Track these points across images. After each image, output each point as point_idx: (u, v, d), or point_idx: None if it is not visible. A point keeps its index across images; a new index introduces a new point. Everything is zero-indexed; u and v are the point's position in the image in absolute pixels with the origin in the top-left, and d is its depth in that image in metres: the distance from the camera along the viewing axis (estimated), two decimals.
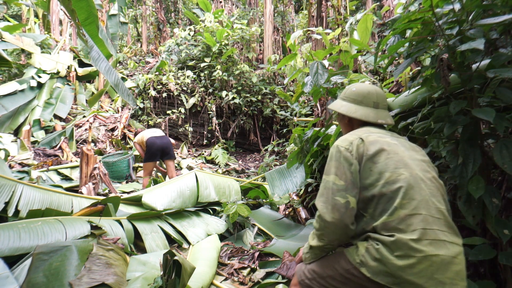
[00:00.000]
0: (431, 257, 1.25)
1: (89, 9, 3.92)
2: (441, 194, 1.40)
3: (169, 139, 5.71)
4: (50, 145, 7.39)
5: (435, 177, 1.43)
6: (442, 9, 1.74)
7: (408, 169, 1.38)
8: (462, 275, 1.28)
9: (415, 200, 1.32)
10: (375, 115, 1.60)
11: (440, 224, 1.31)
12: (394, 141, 1.48)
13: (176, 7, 14.20)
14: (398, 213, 1.31)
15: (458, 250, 1.30)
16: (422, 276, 1.24)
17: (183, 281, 2.03)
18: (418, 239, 1.27)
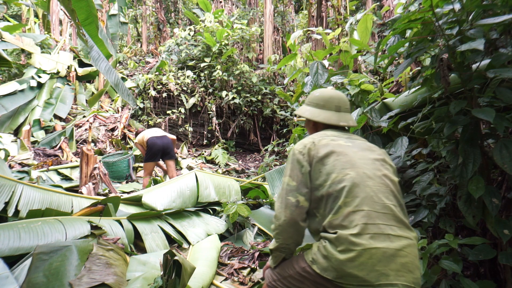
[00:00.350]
0: (371, 250, 1.29)
1: (89, 9, 3.92)
2: (390, 190, 1.44)
3: (169, 138, 5.69)
4: (50, 145, 7.39)
5: (386, 175, 1.47)
6: (442, 9, 1.74)
7: (355, 168, 1.44)
8: (409, 267, 1.31)
9: (358, 198, 1.38)
10: (337, 118, 1.67)
11: (386, 219, 1.36)
12: (348, 143, 1.55)
13: (176, 7, 14.21)
14: (342, 211, 1.38)
15: (406, 243, 1.34)
16: (362, 269, 1.28)
17: (183, 281, 2.03)
18: (358, 233, 1.32)
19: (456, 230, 2.10)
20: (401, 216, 1.40)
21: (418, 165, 2.36)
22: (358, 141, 1.60)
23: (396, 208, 1.41)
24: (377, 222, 1.35)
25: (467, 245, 1.82)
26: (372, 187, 1.41)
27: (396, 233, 1.35)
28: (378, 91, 2.65)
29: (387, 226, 1.35)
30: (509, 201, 1.91)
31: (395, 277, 1.29)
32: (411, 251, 1.35)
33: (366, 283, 1.28)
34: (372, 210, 1.36)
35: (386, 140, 2.50)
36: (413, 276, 1.32)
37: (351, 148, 1.52)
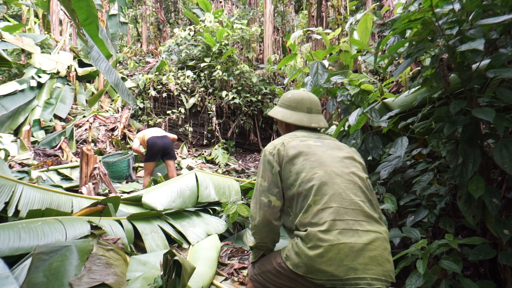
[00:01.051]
0: (339, 245, 1.34)
1: (89, 9, 3.92)
2: (358, 187, 1.49)
3: (170, 138, 5.70)
4: (50, 145, 7.39)
5: (354, 172, 1.52)
6: (442, 9, 1.74)
7: (323, 167, 1.50)
8: (379, 260, 1.35)
9: (327, 195, 1.43)
10: (309, 119, 1.72)
11: (354, 215, 1.41)
12: (317, 143, 1.61)
13: (176, 7, 14.20)
14: (312, 209, 1.43)
15: (374, 237, 1.38)
16: (331, 264, 1.32)
17: (183, 281, 2.03)
18: (326, 230, 1.36)
19: (456, 230, 2.10)
20: (369, 211, 1.44)
21: (418, 165, 2.36)
22: (327, 141, 1.65)
23: (364, 204, 1.45)
24: (345, 218, 1.39)
25: (467, 245, 1.82)
26: (340, 185, 1.46)
27: (364, 228, 1.39)
28: (378, 91, 2.64)
29: (355, 221, 1.40)
30: (509, 201, 1.91)
31: (363, 270, 1.32)
32: (380, 244, 1.39)
33: (335, 277, 1.32)
34: (340, 206, 1.41)
35: (386, 140, 2.50)
36: (383, 269, 1.35)
37: (320, 148, 1.57)
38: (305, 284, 1.41)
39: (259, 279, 1.61)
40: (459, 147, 1.76)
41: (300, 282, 1.42)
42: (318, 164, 1.50)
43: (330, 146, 1.60)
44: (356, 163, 1.59)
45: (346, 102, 2.74)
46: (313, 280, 1.36)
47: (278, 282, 1.52)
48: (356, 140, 2.33)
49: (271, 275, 1.54)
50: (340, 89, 2.74)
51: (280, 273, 1.50)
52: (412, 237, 1.94)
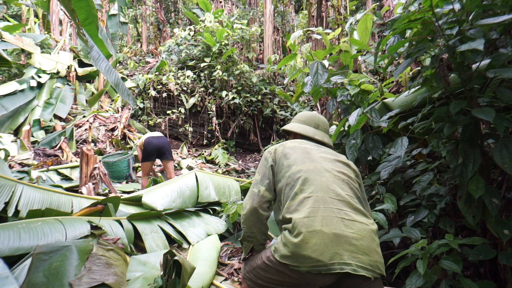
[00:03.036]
0: (323, 231, 1.36)
1: (89, 9, 3.92)
2: (347, 183, 1.56)
3: (166, 139, 5.71)
4: (50, 145, 7.38)
5: (344, 173, 1.60)
6: (442, 9, 1.74)
7: (314, 163, 1.58)
8: (365, 250, 1.37)
9: (313, 185, 1.49)
10: (313, 132, 1.85)
11: (340, 205, 1.45)
12: (313, 147, 1.71)
13: (176, 7, 14.20)
14: (298, 197, 1.48)
15: (361, 227, 1.41)
16: (315, 250, 1.34)
17: (183, 281, 2.03)
18: (310, 216, 1.40)
19: (456, 230, 2.10)
20: (356, 205, 1.48)
21: (418, 165, 2.36)
22: (324, 149, 1.74)
23: (351, 198, 1.50)
24: (330, 206, 1.43)
25: (467, 245, 1.82)
26: (328, 178, 1.52)
27: (350, 217, 1.42)
28: (378, 91, 2.65)
29: (341, 210, 1.43)
30: (509, 201, 1.91)
31: (349, 257, 1.33)
32: (367, 235, 1.41)
33: (320, 263, 1.33)
34: (326, 196, 1.46)
35: (386, 140, 2.50)
36: (370, 259, 1.36)
37: (315, 150, 1.68)
38: (292, 276, 1.42)
39: (250, 276, 1.63)
40: (459, 147, 1.76)
41: (287, 274, 1.43)
42: (310, 160, 1.59)
43: (326, 152, 1.69)
44: (350, 169, 1.65)
45: (346, 102, 2.74)
46: (299, 269, 1.36)
47: (267, 276, 1.53)
48: (356, 140, 2.34)
49: (260, 270, 1.56)
50: (340, 89, 2.75)
51: (268, 267, 1.51)
52: (412, 237, 1.94)
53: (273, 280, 1.51)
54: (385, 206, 2.17)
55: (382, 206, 2.18)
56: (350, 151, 2.33)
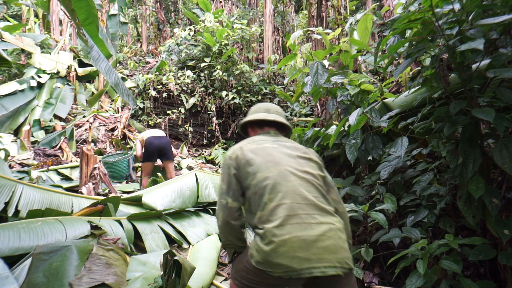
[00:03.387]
0: (291, 239, 1.43)
1: (89, 9, 3.92)
2: (312, 184, 1.60)
3: (168, 139, 5.70)
4: (50, 145, 7.38)
5: (307, 171, 1.63)
6: (442, 9, 1.74)
7: (278, 166, 1.60)
8: (332, 249, 1.45)
9: (281, 192, 1.53)
10: (264, 115, 1.86)
11: (307, 209, 1.51)
12: (274, 144, 1.72)
13: (176, 7, 14.20)
14: (268, 207, 1.52)
15: (327, 228, 1.49)
16: (285, 257, 1.42)
17: (183, 281, 2.03)
18: (279, 225, 1.46)
19: (456, 230, 2.10)
20: (322, 205, 1.55)
21: (418, 165, 2.36)
22: (284, 143, 1.76)
23: (317, 199, 1.56)
24: (298, 213, 1.49)
25: (467, 245, 1.82)
26: (294, 182, 1.56)
27: (317, 220, 1.49)
28: (378, 91, 2.65)
29: (308, 215, 1.50)
30: (509, 201, 1.91)
31: (317, 260, 1.41)
32: (333, 234, 1.49)
33: (290, 269, 1.41)
34: (294, 202, 1.51)
35: (386, 140, 2.50)
36: (337, 257, 1.44)
37: (275, 149, 1.69)
38: (268, 278, 1.50)
39: (236, 277, 1.68)
40: (459, 147, 1.76)
41: (264, 277, 1.51)
42: (273, 164, 1.61)
43: (286, 147, 1.72)
44: (312, 162, 1.70)
45: (346, 102, 2.74)
46: (273, 274, 1.44)
47: (249, 278, 1.59)
48: (356, 140, 2.34)
49: (243, 272, 1.62)
50: (340, 89, 2.74)
51: (248, 270, 1.58)
52: (412, 237, 1.94)
53: (255, 281, 1.58)
54: (385, 206, 2.17)
55: (382, 206, 2.18)
56: (350, 151, 2.33)
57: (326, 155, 3.14)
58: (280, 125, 1.90)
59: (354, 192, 2.51)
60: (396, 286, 2.25)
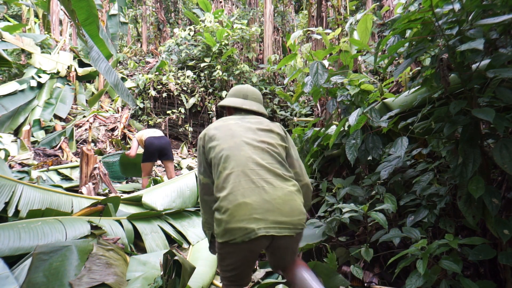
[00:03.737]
0: (245, 202, 1.51)
1: (89, 9, 3.92)
2: (267, 152, 1.67)
3: (167, 139, 5.69)
4: (50, 145, 7.38)
5: (265, 141, 1.71)
6: (442, 9, 1.74)
7: (234, 138, 1.68)
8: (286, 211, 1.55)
9: (234, 161, 1.61)
10: (242, 102, 1.92)
11: (261, 174, 1.59)
12: (237, 121, 1.80)
13: (176, 7, 14.20)
14: (222, 175, 1.61)
15: (281, 192, 1.57)
16: (242, 220, 1.49)
17: (183, 281, 2.03)
18: (232, 191, 1.54)
19: (456, 230, 2.10)
20: (277, 171, 1.63)
21: (418, 165, 2.36)
22: (248, 118, 1.83)
23: (271, 165, 1.63)
24: (251, 177, 1.57)
25: (467, 245, 1.82)
26: (247, 151, 1.64)
27: (270, 184, 1.57)
28: (378, 91, 2.65)
29: (261, 179, 1.57)
30: (509, 201, 1.91)
31: (272, 221, 1.51)
32: (288, 197, 1.58)
33: (249, 230, 1.48)
34: (246, 168, 1.59)
35: (386, 140, 2.50)
36: (291, 219, 1.55)
37: (237, 124, 1.77)
38: (236, 251, 1.57)
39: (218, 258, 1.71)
40: (459, 147, 1.76)
41: (232, 251, 1.58)
42: (230, 137, 1.70)
43: (249, 122, 1.79)
44: (272, 133, 1.77)
45: (346, 102, 2.74)
46: (236, 241, 1.51)
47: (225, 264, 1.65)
48: (356, 140, 2.34)
49: (220, 262, 1.68)
50: (340, 89, 2.74)
51: (221, 255, 1.65)
52: (412, 237, 1.94)
53: (231, 265, 1.63)
54: (385, 206, 2.17)
55: (382, 206, 2.18)
56: (350, 151, 2.33)
57: (326, 155, 3.14)
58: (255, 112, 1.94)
59: (354, 192, 2.51)
60: (396, 286, 2.25)
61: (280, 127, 1.86)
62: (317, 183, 3.16)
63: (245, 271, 1.68)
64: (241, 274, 1.67)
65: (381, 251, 2.43)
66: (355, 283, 2.28)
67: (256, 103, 1.96)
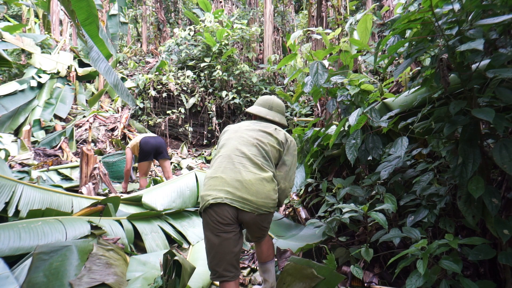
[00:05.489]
0: (221, 176, 1.88)
1: (89, 9, 3.93)
2: (255, 146, 1.99)
3: (162, 139, 5.71)
4: (50, 145, 7.39)
5: (259, 139, 2.02)
6: (442, 9, 1.74)
7: (236, 133, 2.06)
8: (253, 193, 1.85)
9: (226, 148, 2.01)
10: (266, 112, 2.25)
11: (242, 160, 1.92)
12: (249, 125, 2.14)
13: (176, 7, 14.20)
14: (215, 157, 2.03)
15: (254, 177, 1.88)
16: (212, 188, 1.86)
17: (183, 281, 2.03)
18: (216, 169, 1.94)
19: (456, 230, 2.10)
20: (257, 162, 1.93)
21: (418, 165, 2.36)
22: (262, 123, 2.16)
23: (255, 157, 1.95)
24: (233, 160, 1.92)
25: (467, 245, 1.82)
26: (240, 142, 1.99)
27: (247, 169, 1.89)
28: (378, 91, 2.65)
29: (241, 164, 1.91)
30: (509, 201, 1.91)
31: (239, 197, 1.82)
32: (259, 183, 1.87)
33: (216, 196, 1.82)
34: (232, 153, 1.95)
35: (386, 140, 2.50)
36: (256, 200, 1.84)
37: (245, 127, 2.12)
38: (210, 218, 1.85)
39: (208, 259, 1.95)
40: (459, 147, 1.76)
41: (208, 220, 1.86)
42: (234, 132, 2.09)
43: (259, 125, 2.12)
44: (271, 137, 2.07)
45: (346, 102, 2.74)
46: (207, 206, 1.83)
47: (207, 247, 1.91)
48: (356, 140, 2.34)
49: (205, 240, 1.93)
50: (340, 89, 2.75)
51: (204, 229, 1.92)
52: (412, 237, 1.94)
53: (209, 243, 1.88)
54: (385, 206, 2.17)
55: (382, 206, 2.18)
56: (350, 151, 2.33)
57: (326, 155, 3.14)
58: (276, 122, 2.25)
59: (354, 192, 2.51)
60: (396, 286, 2.25)
61: (285, 136, 2.13)
62: (317, 183, 3.16)
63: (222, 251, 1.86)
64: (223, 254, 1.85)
65: (381, 251, 2.43)
66: (355, 283, 2.28)
67: (279, 114, 2.27)
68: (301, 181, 3.56)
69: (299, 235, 3.37)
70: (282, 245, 2.95)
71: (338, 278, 2.04)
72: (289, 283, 2.15)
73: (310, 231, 3.16)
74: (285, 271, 2.22)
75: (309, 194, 3.62)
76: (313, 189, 3.42)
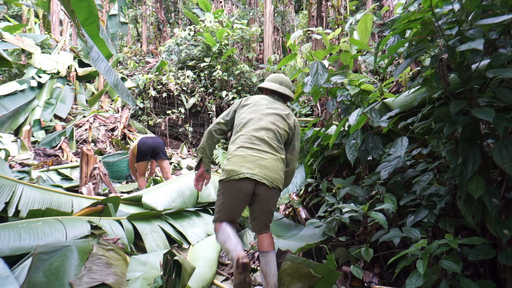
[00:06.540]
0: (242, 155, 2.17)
1: (90, 9, 3.93)
2: (271, 130, 2.26)
3: (161, 139, 5.69)
4: (50, 145, 7.38)
5: (275, 123, 2.29)
6: (442, 9, 1.75)
7: (256, 113, 2.31)
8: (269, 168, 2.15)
9: (247, 128, 2.26)
10: (276, 87, 2.48)
11: (259, 142, 2.20)
12: (266, 103, 2.39)
13: (176, 7, 14.20)
14: (237, 134, 2.28)
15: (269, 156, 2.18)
16: (237, 165, 2.14)
17: (183, 281, 2.03)
18: (238, 147, 2.21)
19: (456, 230, 2.10)
20: (272, 144, 2.22)
21: (418, 165, 2.36)
22: (275, 104, 2.39)
23: (271, 140, 2.23)
24: (253, 142, 2.20)
25: (467, 245, 1.82)
26: (260, 124, 2.25)
27: (264, 149, 2.19)
28: (378, 91, 2.65)
29: (259, 145, 2.19)
30: (509, 201, 1.91)
31: (258, 172, 2.11)
32: (273, 161, 2.18)
33: (239, 172, 2.11)
34: (251, 135, 2.22)
35: (386, 140, 2.50)
36: (271, 175, 2.14)
37: (264, 105, 2.36)
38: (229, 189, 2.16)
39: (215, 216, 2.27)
40: (459, 147, 1.76)
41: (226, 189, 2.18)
42: (254, 112, 2.32)
43: (274, 108, 2.35)
44: (284, 121, 2.32)
45: (346, 102, 2.75)
46: (230, 179, 2.12)
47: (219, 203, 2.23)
48: (356, 140, 2.34)
49: (217, 202, 2.25)
50: (340, 89, 2.75)
51: (219, 195, 2.24)
52: (412, 237, 1.94)
53: (224, 203, 2.20)
54: (385, 206, 2.17)
55: (382, 206, 2.18)
56: (350, 151, 2.33)
57: (326, 155, 3.14)
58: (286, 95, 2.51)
59: (354, 192, 2.51)
60: (396, 286, 2.25)
61: (294, 121, 2.38)
62: (317, 183, 3.16)
63: (233, 210, 2.21)
64: (230, 211, 2.21)
65: (381, 251, 2.43)
66: (355, 283, 2.28)
67: (288, 89, 2.51)
68: (301, 181, 3.56)
69: (299, 235, 3.37)
70: (282, 245, 2.95)
71: (335, 275, 2.04)
72: (288, 283, 2.14)
73: (310, 231, 3.16)
74: (283, 271, 2.22)
75: (309, 194, 3.62)
76: (313, 189, 3.42)
